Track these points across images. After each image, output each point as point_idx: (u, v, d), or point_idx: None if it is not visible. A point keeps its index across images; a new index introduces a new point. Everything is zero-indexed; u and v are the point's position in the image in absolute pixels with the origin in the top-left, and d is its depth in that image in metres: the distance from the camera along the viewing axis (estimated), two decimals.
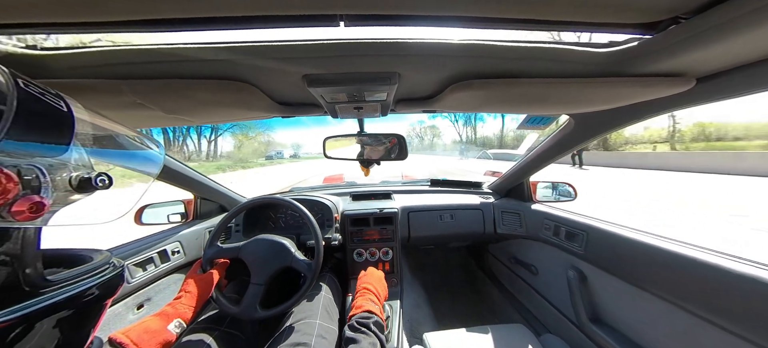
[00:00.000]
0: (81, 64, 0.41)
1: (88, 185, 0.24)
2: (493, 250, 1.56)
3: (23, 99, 0.20)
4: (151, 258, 0.88)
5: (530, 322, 1.17)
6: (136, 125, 0.75)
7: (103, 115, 0.33)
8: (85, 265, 0.28)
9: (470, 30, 0.40)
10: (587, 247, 0.87)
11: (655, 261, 0.66)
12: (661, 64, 0.45)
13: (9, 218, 0.19)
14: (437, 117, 39.68)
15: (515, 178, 1.28)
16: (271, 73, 0.48)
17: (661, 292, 0.65)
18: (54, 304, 0.22)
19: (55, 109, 0.23)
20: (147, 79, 0.45)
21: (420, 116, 39.83)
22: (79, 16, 0.32)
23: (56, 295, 0.22)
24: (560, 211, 1.06)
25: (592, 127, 0.78)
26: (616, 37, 0.45)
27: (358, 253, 1.20)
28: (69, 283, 0.24)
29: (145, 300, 0.87)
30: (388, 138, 0.86)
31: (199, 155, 29.01)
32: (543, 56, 0.45)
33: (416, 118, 63.95)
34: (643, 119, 0.66)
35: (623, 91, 0.52)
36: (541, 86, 0.51)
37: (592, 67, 0.47)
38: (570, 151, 0.95)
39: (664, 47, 0.40)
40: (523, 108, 0.71)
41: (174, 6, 0.31)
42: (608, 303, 0.83)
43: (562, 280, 0.98)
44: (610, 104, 0.62)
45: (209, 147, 29.92)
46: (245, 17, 0.35)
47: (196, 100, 0.54)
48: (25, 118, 0.20)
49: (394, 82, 0.50)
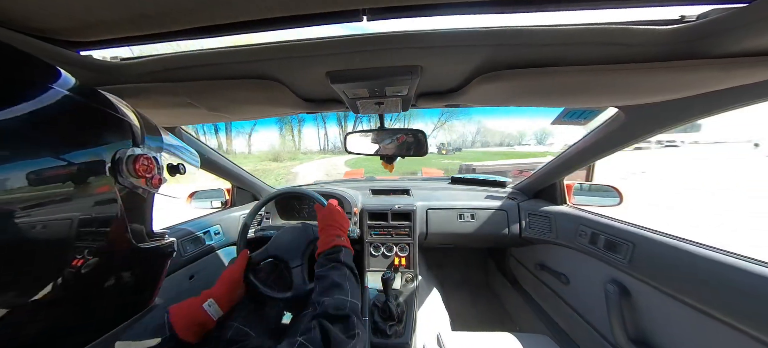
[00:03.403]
0: (147, 70, 0.48)
1: (175, 170, 0.36)
2: (516, 253, 1.46)
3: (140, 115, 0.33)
4: (199, 237, 1.06)
5: (556, 334, 1.08)
6: (185, 122, 0.85)
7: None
8: (163, 230, 0.38)
9: (499, 16, 0.37)
10: (633, 260, 0.76)
11: (731, 284, 0.55)
12: (759, 40, 0.35)
13: (152, 187, 0.31)
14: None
15: (547, 178, 1.17)
16: (298, 70, 0.50)
17: (736, 322, 0.54)
18: (169, 243, 0.35)
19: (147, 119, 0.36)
20: (195, 80, 0.51)
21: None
22: (146, 29, 0.38)
23: (160, 244, 0.34)
24: (600, 217, 0.94)
25: (649, 121, 0.66)
26: (687, 10, 0.37)
27: (374, 247, 1.21)
28: (165, 239, 0.35)
29: (195, 272, 1.04)
30: (407, 133, 0.85)
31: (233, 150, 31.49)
32: (589, 40, 0.39)
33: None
34: (722, 111, 0.54)
35: (696, 77, 0.43)
36: (584, 75, 0.45)
37: (654, 49, 0.39)
38: (618, 149, 0.82)
39: (765, 17, 0.31)
40: (560, 100, 0.63)
41: (214, 13, 0.35)
42: (657, 325, 0.72)
43: (597, 293, 0.88)
44: (676, 93, 0.52)
45: (249, 141, 32.46)
46: (275, 19, 0.37)
47: (234, 99, 0.59)
48: (148, 126, 0.33)
49: (415, 76, 0.48)
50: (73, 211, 0.23)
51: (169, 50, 0.45)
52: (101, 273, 0.26)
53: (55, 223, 0.21)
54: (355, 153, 0.92)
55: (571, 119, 0.75)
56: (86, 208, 0.24)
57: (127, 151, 0.27)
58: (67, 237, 0.22)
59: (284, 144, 34.58)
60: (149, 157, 0.29)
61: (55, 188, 0.21)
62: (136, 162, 0.28)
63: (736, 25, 0.34)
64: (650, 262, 0.72)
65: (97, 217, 0.25)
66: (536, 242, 1.20)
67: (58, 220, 0.22)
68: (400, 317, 0.96)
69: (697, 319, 0.62)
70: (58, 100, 0.23)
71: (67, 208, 0.22)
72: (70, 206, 0.22)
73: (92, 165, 0.25)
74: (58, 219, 0.22)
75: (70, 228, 0.22)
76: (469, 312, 1.48)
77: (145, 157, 0.29)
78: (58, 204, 0.22)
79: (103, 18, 0.35)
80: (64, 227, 0.22)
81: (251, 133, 31.83)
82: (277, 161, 17.25)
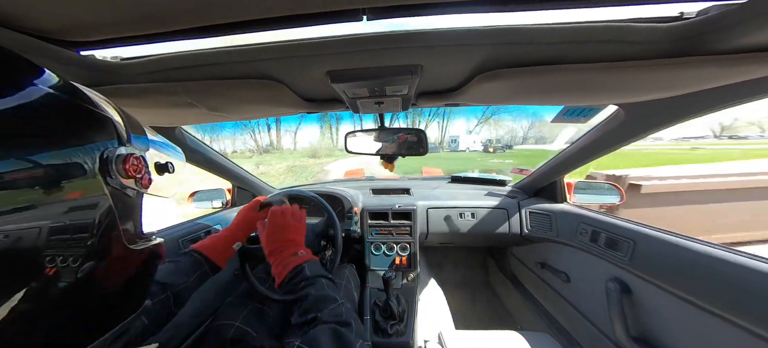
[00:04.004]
0: (147, 70, 0.48)
1: (163, 169, 0.34)
2: (516, 252, 1.46)
3: (123, 112, 0.31)
4: (200, 237, 1.06)
5: (557, 331, 1.08)
6: (185, 122, 0.85)
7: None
8: (151, 231, 0.37)
9: (499, 14, 0.37)
10: (634, 257, 0.77)
11: (731, 280, 0.55)
12: (759, 36, 0.35)
13: (141, 187, 0.30)
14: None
15: (547, 177, 1.17)
16: (298, 70, 0.50)
17: (736, 318, 0.54)
18: (156, 244, 0.33)
19: (131, 117, 0.33)
20: (195, 80, 0.51)
21: None
22: (146, 29, 0.38)
23: (151, 244, 0.33)
24: (601, 215, 0.94)
25: (648, 119, 0.67)
26: (687, 7, 0.37)
27: (375, 247, 1.21)
28: (154, 240, 0.34)
29: None
30: (408, 133, 0.85)
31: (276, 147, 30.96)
32: (589, 37, 0.39)
33: None
34: (722, 107, 0.54)
35: (696, 74, 0.43)
36: (584, 73, 0.45)
37: (654, 47, 0.39)
38: (618, 147, 0.83)
39: (765, 12, 0.31)
40: (560, 98, 0.63)
41: (215, 13, 0.35)
42: (658, 322, 0.73)
43: (598, 290, 0.88)
44: (676, 90, 0.52)
45: (295, 138, 32.22)
46: (275, 19, 0.37)
47: (234, 99, 0.59)
48: (132, 123, 0.31)
49: (415, 75, 0.48)
50: (58, 216, 0.21)
51: (169, 50, 0.45)
52: (94, 277, 0.25)
53: (35, 230, 0.20)
54: (355, 153, 0.92)
55: (571, 117, 0.75)
56: (75, 210, 0.23)
57: (116, 151, 0.26)
58: (43, 244, 0.20)
59: (322, 141, 34.61)
60: (138, 157, 0.28)
61: (33, 193, 0.20)
62: (125, 162, 0.27)
63: (736, 21, 0.34)
64: (651, 259, 0.72)
65: (85, 221, 0.24)
66: (537, 241, 1.20)
67: (37, 227, 0.20)
68: (402, 316, 0.96)
69: (698, 316, 0.62)
70: (39, 98, 0.22)
71: (52, 212, 0.21)
72: (56, 209, 0.21)
73: (77, 166, 0.23)
74: (38, 225, 0.20)
75: (56, 233, 0.21)
76: (469, 310, 1.49)
77: (135, 157, 0.28)
78: (44, 207, 0.20)
79: (104, 18, 0.35)
80: (45, 233, 0.20)
81: (297, 130, 31.79)
82: (314, 158, 17.30)
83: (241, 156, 25.77)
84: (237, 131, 30.96)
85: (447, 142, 23.79)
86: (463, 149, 19.66)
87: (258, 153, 28.14)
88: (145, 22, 0.36)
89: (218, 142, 29.78)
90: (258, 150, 29.46)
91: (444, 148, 21.82)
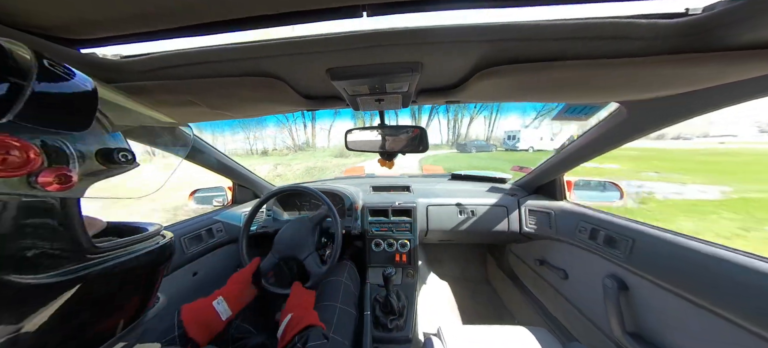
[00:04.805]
0: (147, 68, 0.48)
1: (111, 159, 0.25)
2: (515, 249, 1.47)
3: (45, 78, 0.21)
4: (201, 234, 1.07)
5: (555, 327, 1.09)
6: (186, 120, 0.85)
7: (137, 103, 0.39)
8: (134, 236, 0.31)
9: (500, 10, 0.37)
10: (632, 255, 0.77)
11: (727, 278, 0.56)
12: (766, 32, 0.34)
13: (38, 188, 0.20)
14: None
15: (547, 175, 1.17)
16: (298, 67, 0.49)
17: (731, 315, 0.55)
18: (103, 268, 0.25)
19: (80, 89, 0.24)
20: (196, 78, 0.51)
21: None
22: (146, 27, 0.37)
23: (105, 261, 0.25)
24: (600, 213, 0.95)
25: (650, 116, 0.66)
26: (693, 2, 0.36)
27: (375, 243, 1.22)
28: (117, 250, 0.27)
29: (198, 269, 1.06)
30: (408, 130, 0.85)
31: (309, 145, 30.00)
32: (592, 34, 0.38)
33: None
34: (727, 105, 0.53)
35: (702, 71, 0.43)
36: (587, 70, 0.44)
37: (658, 43, 0.39)
38: (619, 145, 0.82)
39: None
40: (562, 96, 0.63)
41: (215, 10, 0.35)
42: (653, 318, 0.74)
43: (595, 287, 0.89)
44: (679, 88, 0.51)
45: (329, 136, 31.46)
46: (275, 15, 0.36)
47: (235, 96, 0.59)
48: (45, 95, 0.21)
49: (416, 72, 0.48)
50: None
51: (170, 48, 0.45)
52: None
53: None
54: (356, 150, 0.92)
55: (573, 115, 0.74)
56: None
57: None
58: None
59: None
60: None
61: None
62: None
63: (744, 16, 0.33)
64: (649, 257, 0.73)
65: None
66: (536, 238, 1.21)
67: None
68: (401, 311, 0.98)
69: (693, 313, 0.63)
70: None
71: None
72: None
73: None
74: None
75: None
76: (468, 306, 1.50)
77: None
78: None
79: (104, 15, 0.35)
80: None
81: (331, 127, 31.06)
82: (341, 157, 16.99)
83: (279, 154, 25.34)
84: (277, 127, 30.19)
85: (500, 140, 20.13)
86: (526, 148, 16.78)
87: (294, 150, 27.66)
88: (146, 20, 0.35)
89: (262, 140, 28.76)
90: (294, 147, 29.04)
91: (497, 147, 19.11)
